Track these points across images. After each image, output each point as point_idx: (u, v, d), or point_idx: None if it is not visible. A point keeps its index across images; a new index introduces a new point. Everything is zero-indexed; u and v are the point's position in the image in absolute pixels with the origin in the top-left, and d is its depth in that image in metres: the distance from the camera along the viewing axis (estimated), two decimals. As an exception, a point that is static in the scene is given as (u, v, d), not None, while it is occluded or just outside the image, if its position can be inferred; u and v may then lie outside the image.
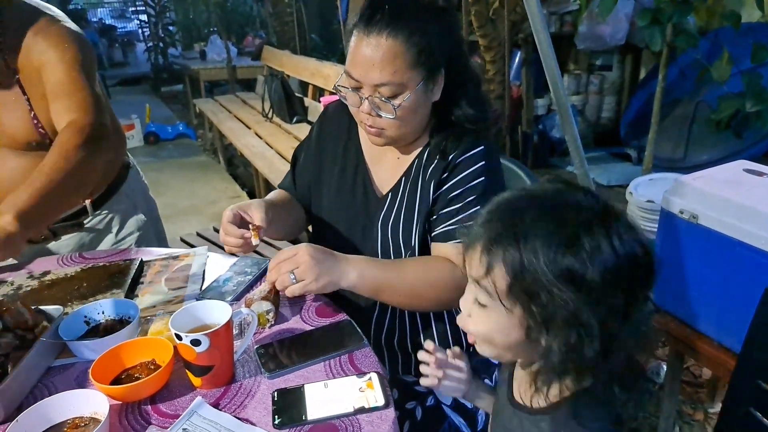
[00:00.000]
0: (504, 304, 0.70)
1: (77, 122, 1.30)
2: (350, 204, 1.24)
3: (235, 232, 1.10)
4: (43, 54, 1.32)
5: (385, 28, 1.01)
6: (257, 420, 0.86)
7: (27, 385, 0.93)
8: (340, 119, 1.29)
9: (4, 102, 1.34)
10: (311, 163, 1.31)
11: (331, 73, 3.73)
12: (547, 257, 0.65)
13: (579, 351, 0.66)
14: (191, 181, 4.75)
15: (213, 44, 7.71)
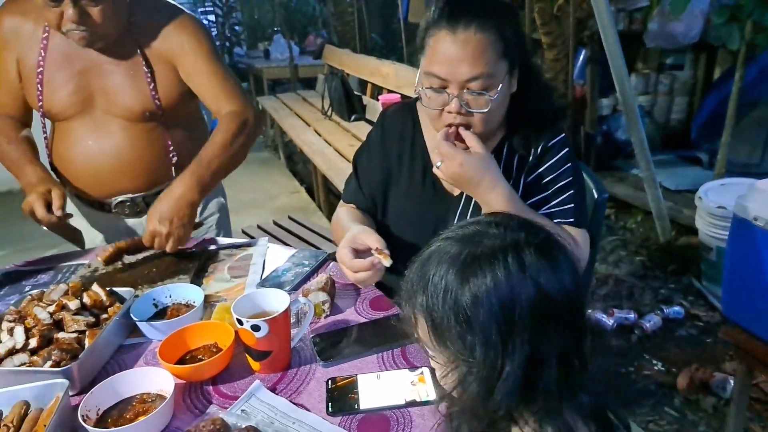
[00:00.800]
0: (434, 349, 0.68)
1: (237, 113, 1.46)
2: (421, 207, 1.24)
3: (363, 265, 1.05)
4: (176, 39, 1.44)
5: (472, 22, 1.02)
6: (311, 406, 0.88)
7: (101, 360, 1.00)
8: (403, 123, 1.29)
9: (125, 74, 1.42)
10: (376, 167, 1.29)
11: (390, 71, 3.75)
12: (444, 291, 0.63)
13: (467, 393, 0.64)
14: (253, 176, 4.90)
15: (277, 44, 7.92)
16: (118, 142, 1.46)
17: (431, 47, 1.06)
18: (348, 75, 4.47)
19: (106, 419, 0.85)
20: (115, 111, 1.44)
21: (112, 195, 1.52)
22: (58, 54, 1.39)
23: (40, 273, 1.34)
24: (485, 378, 0.62)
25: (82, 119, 1.44)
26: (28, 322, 1.00)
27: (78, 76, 1.41)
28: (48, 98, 1.41)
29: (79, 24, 1.27)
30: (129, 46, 1.42)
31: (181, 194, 1.33)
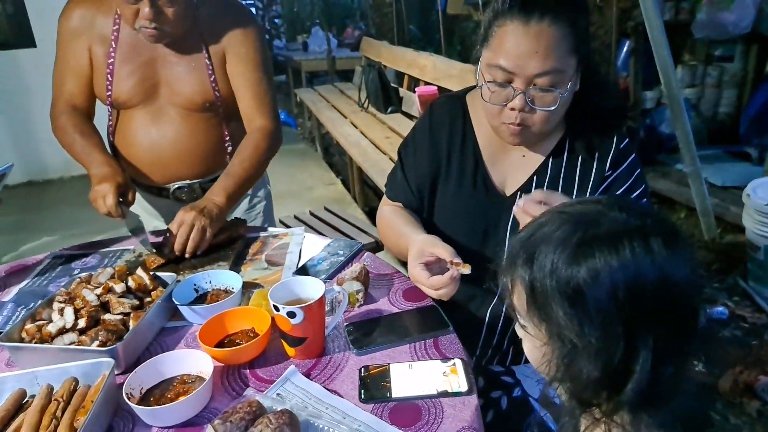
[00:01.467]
0: (530, 322, 0.68)
1: (267, 128, 1.53)
2: (470, 205, 1.20)
3: (443, 282, 1.00)
4: (234, 38, 1.49)
5: (546, 14, 0.97)
6: (344, 392, 0.90)
7: (144, 341, 1.04)
8: (452, 117, 1.22)
9: (188, 66, 1.48)
10: (425, 160, 1.23)
11: (427, 63, 3.73)
12: (550, 271, 0.62)
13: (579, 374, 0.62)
14: (290, 167, 4.97)
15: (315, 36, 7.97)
16: (178, 130, 1.52)
17: (498, 38, 1.01)
18: (385, 67, 4.46)
19: (149, 398, 0.88)
20: (177, 101, 1.50)
21: (171, 181, 1.58)
22: (127, 46, 1.44)
23: (88, 257, 1.40)
24: (599, 360, 0.61)
25: (145, 108, 1.50)
26: (77, 303, 1.04)
27: (144, 67, 1.46)
28: (116, 88, 1.47)
29: (152, 21, 1.32)
30: (193, 39, 1.46)
31: (210, 198, 1.38)
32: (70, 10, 1.46)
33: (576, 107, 1.10)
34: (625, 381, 0.61)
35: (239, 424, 0.78)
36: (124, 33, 1.44)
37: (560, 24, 0.98)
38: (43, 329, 0.99)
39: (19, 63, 4.59)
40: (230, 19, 1.51)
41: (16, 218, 4.01)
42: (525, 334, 0.71)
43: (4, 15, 4.70)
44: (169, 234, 1.30)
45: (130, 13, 1.33)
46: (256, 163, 1.50)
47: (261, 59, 1.54)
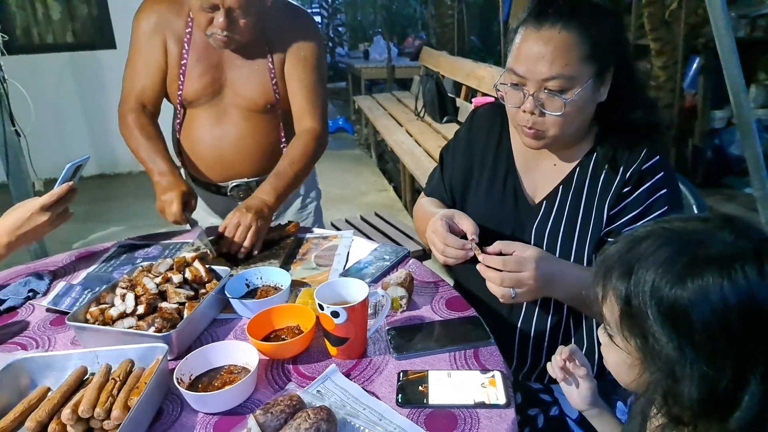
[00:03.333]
0: (619, 334, 0.67)
1: (316, 131, 1.58)
2: (499, 210, 1.22)
3: (456, 243, 1.05)
4: (295, 43, 1.55)
5: (558, 20, 1.00)
6: (382, 395, 0.92)
7: (196, 331, 1.09)
8: (491, 123, 1.28)
9: (252, 69, 1.55)
10: (459, 166, 1.30)
11: (486, 74, 3.72)
12: (652, 289, 0.61)
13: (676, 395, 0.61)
14: (344, 172, 5.06)
15: (376, 44, 8.08)
16: (240, 130, 1.59)
17: (516, 44, 1.06)
18: (443, 77, 4.48)
19: (197, 384, 0.93)
20: (240, 102, 1.57)
21: (229, 179, 1.66)
22: (199, 47, 1.52)
23: (150, 247, 1.49)
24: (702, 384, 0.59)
25: (209, 107, 1.57)
26: (138, 290, 1.11)
27: (213, 69, 1.53)
28: (187, 87, 1.54)
29: (225, 30, 1.38)
30: (259, 44, 1.53)
31: (261, 198, 1.43)
32: (146, 9, 1.53)
33: (606, 118, 1.11)
34: (731, 406, 0.59)
35: (279, 416, 0.81)
36: (196, 34, 1.51)
37: (572, 31, 1.00)
38: (106, 312, 1.06)
39: (99, 63, 4.90)
40: (293, 25, 1.57)
41: (87, 208, 4.27)
42: (610, 343, 0.71)
43: (88, 17, 5.04)
44: (225, 233, 1.36)
45: (204, 20, 1.39)
46: (304, 165, 1.55)
47: (317, 64, 1.59)
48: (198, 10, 1.38)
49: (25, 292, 1.26)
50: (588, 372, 0.92)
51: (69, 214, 1.29)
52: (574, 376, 0.92)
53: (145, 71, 1.54)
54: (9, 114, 3.08)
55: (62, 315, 1.16)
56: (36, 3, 4.90)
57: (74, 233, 3.75)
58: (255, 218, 1.36)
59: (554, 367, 0.93)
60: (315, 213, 1.85)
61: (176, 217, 1.38)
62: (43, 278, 1.32)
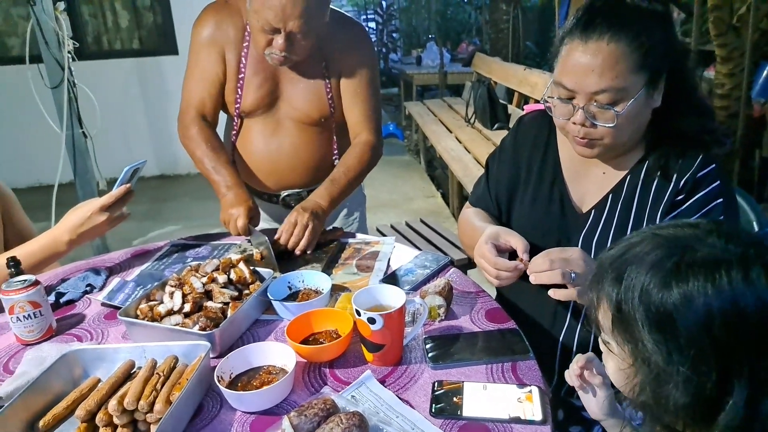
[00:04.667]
0: (613, 340, 0.67)
1: (371, 143, 1.62)
2: (545, 219, 1.21)
3: (507, 265, 1.05)
4: (350, 57, 1.58)
5: (606, 32, 0.97)
6: (416, 404, 0.91)
7: (238, 330, 1.12)
8: (538, 131, 1.26)
9: (308, 83, 1.58)
10: (505, 174, 1.29)
11: (539, 81, 3.65)
12: (640, 293, 0.61)
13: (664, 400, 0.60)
14: (393, 178, 5.08)
15: (429, 50, 8.08)
16: (294, 141, 1.62)
17: (563, 56, 1.03)
18: (495, 83, 4.43)
19: (237, 383, 0.96)
20: (295, 114, 1.60)
21: (282, 188, 1.70)
22: (255, 59, 1.54)
23: (201, 247, 1.54)
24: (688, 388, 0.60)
25: (265, 119, 1.61)
26: (186, 289, 1.15)
27: (269, 81, 1.56)
28: (244, 99, 1.57)
29: (283, 51, 1.41)
30: (315, 58, 1.55)
31: (316, 201, 1.47)
32: (204, 20, 1.55)
33: (658, 125, 1.07)
34: (717, 411, 0.59)
35: (313, 419, 0.83)
36: (252, 47, 1.54)
37: (621, 42, 0.97)
38: (155, 309, 1.10)
39: (162, 69, 5.14)
40: (349, 39, 1.59)
41: (146, 207, 4.47)
42: (608, 351, 0.71)
43: (153, 25, 5.29)
44: (282, 233, 1.40)
45: (263, 41, 1.41)
46: (358, 174, 1.58)
47: (371, 77, 1.62)
48: (258, 30, 1.40)
49: (83, 286, 1.33)
50: (604, 380, 0.89)
51: (126, 215, 1.36)
52: (591, 384, 0.90)
53: (204, 83, 1.57)
54: (77, 116, 3.27)
55: (115, 310, 1.22)
56: (107, 12, 5.19)
57: (134, 231, 3.94)
58: (310, 218, 1.40)
59: (571, 374, 0.91)
60: (360, 219, 1.88)
61: (242, 232, 1.43)
62: (100, 274, 1.39)
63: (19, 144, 4.72)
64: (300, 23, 1.35)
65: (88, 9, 5.12)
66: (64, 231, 1.28)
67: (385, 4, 10.66)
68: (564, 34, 1.04)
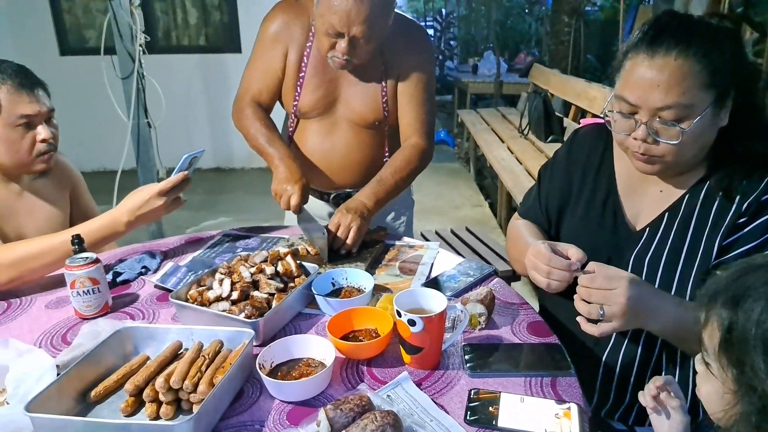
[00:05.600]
0: (716, 362, 0.65)
1: (421, 147, 1.62)
2: (596, 234, 1.18)
3: (561, 264, 1.01)
4: (408, 60, 1.60)
5: (674, 47, 0.95)
6: (451, 410, 0.91)
7: (282, 321, 1.15)
8: (593, 144, 1.24)
9: (366, 86, 1.61)
10: (557, 186, 1.27)
11: (598, 95, 3.57)
12: (758, 320, 0.59)
13: None
14: (440, 185, 5.07)
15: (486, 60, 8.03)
16: (347, 142, 1.65)
17: (626, 70, 1.01)
18: (552, 96, 4.35)
19: (277, 372, 0.98)
20: (350, 116, 1.63)
21: (333, 188, 1.74)
22: (317, 61, 1.58)
23: (251, 238, 1.59)
24: None
25: (321, 119, 1.64)
26: (234, 277, 1.19)
27: (328, 83, 1.60)
28: (302, 99, 1.62)
29: (345, 54, 1.44)
30: (374, 62, 1.57)
31: (362, 201, 1.49)
32: (274, 16, 1.61)
33: (723, 144, 1.03)
34: None
35: (348, 414, 0.84)
36: (315, 48, 1.58)
37: (690, 58, 0.94)
38: (204, 294, 1.15)
39: (225, 66, 5.31)
40: (409, 42, 1.61)
41: (201, 198, 4.63)
42: (706, 373, 0.69)
43: (220, 23, 5.49)
44: (327, 231, 1.42)
45: (327, 44, 1.45)
46: (406, 176, 1.59)
47: (428, 82, 1.63)
48: (323, 34, 1.44)
49: (138, 267, 1.40)
50: (682, 404, 0.86)
51: (182, 201, 1.41)
52: (666, 407, 0.87)
53: (263, 76, 1.63)
54: (144, 107, 3.43)
55: (167, 292, 1.27)
56: (177, 9, 5.42)
57: (188, 220, 4.08)
58: (354, 218, 1.42)
59: (646, 395, 0.88)
60: (406, 223, 1.88)
61: (294, 210, 1.46)
62: (155, 257, 1.45)
63: (88, 130, 4.98)
64: (363, 28, 1.38)
65: (160, 5, 5.36)
66: (124, 212, 1.34)
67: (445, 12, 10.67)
68: (628, 48, 1.02)
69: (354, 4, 1.35)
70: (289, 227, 1.70)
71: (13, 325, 1.18)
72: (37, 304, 1.26)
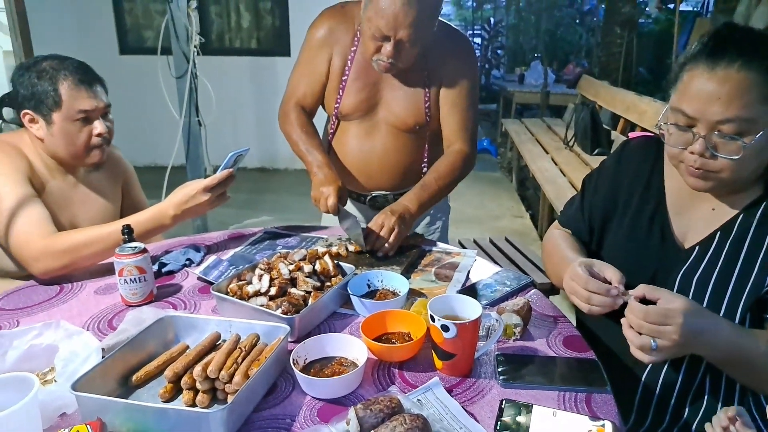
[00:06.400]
0: None
1: (464, 153, 1.63)
2: (642, 251, 1.15)
3: (600, 288, 0.96)
4: (452, 66, 1.61)
5: (736, 60, 0.92)
6: (481, 419, 0.90)
7: (317, 319, 1.17)
8: (643, 157, 1.20)
9: (408, 90, 1.62)
10: (602, 197, 1.24)
11: (648, 109, 3.47)
12: None
13: None
14: (481, 194, 5.03)
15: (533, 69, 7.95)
16: (387, 146, 1.67)
17: (684, 82, 0.98)
18: (600, 108, 4.26)
19: (310, 369, 0.99)
20: (391, 120, 1.65)
21: (371, 190, 1.75)
22: (360, 65, 1.61)
23: (291, 237, 1.62)
24: None
25: (361, 122, 1.67)
26: (273, 273, 1.22)
27: (371, 87, 1.62)
28: (344, 101, 1.65)
29: (390, 58, 1.47)
30: (417, 67, 1.59)
31: (405, 204, 1.51)
32: (321, 21, 1.65)
33: None
34: None
35: (378, 414, 0.84)
36: (359, 52, 1.61)
37: (752, 70, 0.90)
38: (244, 289, 1.18)
39: (274, 68, 5.44)
40: (453, 50, 1.62)
41: (245, 197, 4.73)
42: None
43: (272, 27, 5.62)
44: (368, 231, 1.44)
45: (372, 47, 1.48)
46: (449, 182, 1.60)
47: (471, 89, 1.63)
48: (369, 37, 1.47)
49: (183, 259, 1.44)
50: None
51: (226, 198, 1.45)
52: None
53: (308, 80, 1.67)
54: (195, 106, 3.55)
55: (209, 285, 1.31)
56: (231, 12, 5.59)
57: (231, 217, 4.18)
58: (398, 222, 1.44)
59: (716, 426, 0.85)
60: (442, 229, 1.88)
61: (332, 210, 1.49)
62: (199, 250, 1.50)
63: (142, 126, 5.18)
64: (409, 32, 1.40)
65: (215, 9, 5.54)
66: (170, 206, 1.39)
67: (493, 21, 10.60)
68: (686, 60, 0.99)
69: (401, 9, 1.37)
70: (328, 227, 1.72)
71: (64, 308, 1.24)
72: (86, 290, 1.32)
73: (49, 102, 1.40)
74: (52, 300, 1.27)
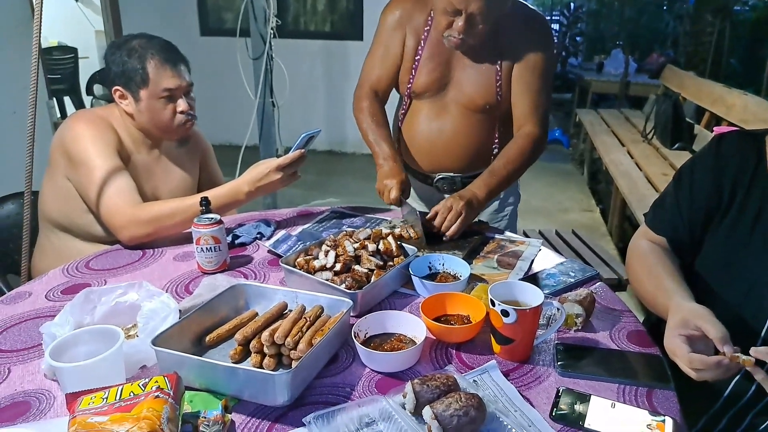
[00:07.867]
0: None
1: (535, 135, 1.61)
2: (741, 258, 1.07)
3: (707, 362, 0.87)
4: (526, 46, 1.59)
5: None
6: (537, 405, 0.91)
7: (378, 296, 1.20)
8: (745, 154, 1.09)
9: (479, 69, 1.61)
10: (705, 194, 1.11)
11: (738, 102, 3.25)
12: None
13: None
14: (550, 186, 4.89)
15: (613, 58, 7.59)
16: (456, 126, 1.67)
17: None
18: (684, 100, 4.03)
19: (370, 343, 1.03)
20: (461, 99, 1.65)
21: (437, 171, 1.76)
22: (433, 44, 1.62)
23: (356, 217, 1.67)
24: None
25: (432, 101, 1.68)
26: (339, 250, 1.26)
27: (443, 66, 1.63)
28: (417, 80, 1.66)
29: (461, 33, 1.47)
30: (489, 46, 1.58)
31: (473, 191, 1.51)
32: (395, 5, 1.68)
33: None
34: None
35: (434, 390, 0.86)
36: (433, 31, 1.62)
37: None
38: (310, 263, 1.23)
39: (346, 52, 5.50)
40: (527, 30, 1.59)
41: (313, 178, 4.85)
42: None
43: (345, 11, 5.68)
44: (436, 213, 1.46)
45: (444, 22, 1.49)
46: (518, 166, 1.59)
47: (545, 71, 1.60)
48: (441, 12, 1.48)
49: (254, 233, 1.52)
50: None
51: (297, 177, 1.51)
52: None
53: (382, 62, 1.69)
54: (270, 87, 3.67)
55: (278, 257, 1.38)
56: (308, -5, 5.70)
57: (300, 197, 4.31)
58: (465, 206, 1.45)
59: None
60: (510, 217, 1.86)
61: (394, 202, 1.52)
62: (270, 225, 1.57)
63: (219, 106, 5.40)
64: (481, 5, 1.40)
65: (292, -8, 5.67)
66: (245, 183, 1.46)
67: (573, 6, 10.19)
68: None
69: None
70: (392, 210, 1.75)
71: (145, 271, 1.34)
72: (166, 256, 1.42)
73: (138, 79, 1.50)
74: (135, 263, 1.38)
